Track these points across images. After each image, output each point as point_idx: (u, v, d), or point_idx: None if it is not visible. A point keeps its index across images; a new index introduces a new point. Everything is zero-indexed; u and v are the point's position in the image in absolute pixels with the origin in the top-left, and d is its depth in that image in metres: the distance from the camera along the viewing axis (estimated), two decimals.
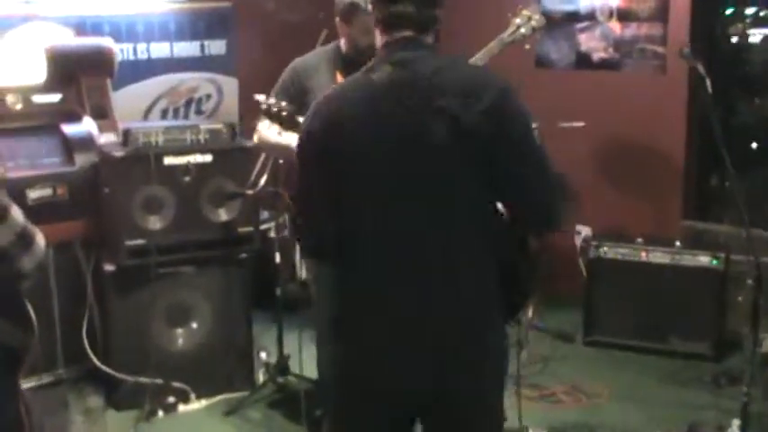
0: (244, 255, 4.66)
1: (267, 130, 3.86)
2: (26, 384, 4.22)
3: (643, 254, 5.15)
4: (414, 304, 2.43)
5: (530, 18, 3.89)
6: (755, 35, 5.74)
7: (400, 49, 2.50)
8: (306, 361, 4.33)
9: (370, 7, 3.57)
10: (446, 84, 2.40)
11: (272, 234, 5.19)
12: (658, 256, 5.12)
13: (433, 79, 2.41)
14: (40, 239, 2.59)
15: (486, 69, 2.62)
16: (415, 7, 2.48)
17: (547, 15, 5.75)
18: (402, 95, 2.41)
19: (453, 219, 2.45)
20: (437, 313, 2.42)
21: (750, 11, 5.74)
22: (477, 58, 3.79)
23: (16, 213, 2.51)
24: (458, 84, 2.41)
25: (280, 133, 3.59)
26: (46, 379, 4.60)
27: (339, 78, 3.84)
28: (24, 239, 2.52)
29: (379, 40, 2.59)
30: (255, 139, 4.06)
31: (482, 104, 2.36)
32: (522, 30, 3.88)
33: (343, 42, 3.91)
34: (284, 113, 3.35)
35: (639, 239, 5.21)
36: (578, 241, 5.80)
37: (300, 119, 3.06)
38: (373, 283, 2.49)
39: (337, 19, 3.86)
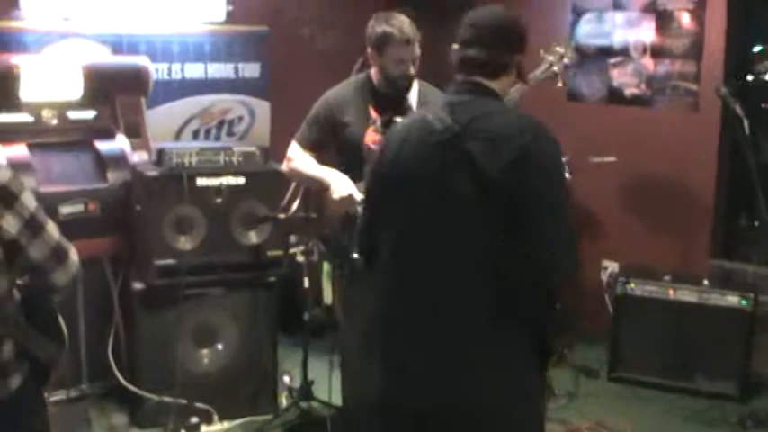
0: (272, 278, 4.66)
1: (301, 160, 3.93)
2: (50, 398, 4.28)
3: (670, 291, 5.12)
4: (420, 338, 2.60)
5: (562, 56, 3.91)
6: None
7: (459, 92, 2.66)
8: (331, 387, 4.33)
9: (403, 36, 3.69)
10: (480, 131, 2.51)
11: (300, 258, 5.18)
12: (686, 294, 5.09)
13: (470, 125, 2.52)
14: (74, 255, 2.62)
15: (524, 119, 2.59)
16: (487, 53, 2.62)
17: (580, 50, 5.81)
18: (439, 137, 2.55)
19: (460, 265, 2.55)
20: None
21: None
22: (510, 98, 3.77)
23: (51, 228, 2.54)
24: (491, 132, 2.50)
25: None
26: (70, 394, 4.61)
27: (372, 112, 3.87)
28: (58, 254, 2.55)
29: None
30: (285, 167, 4.09)
31: (508, 156, 2.45)
32: (555, 68, 3.91)
33: (374, 73, 3.92)
34: None
35: (667, 277, 5.19)
36: (605, 277, 5.79)
37: None
38: (384, 309, 2.70)
39: (369, 49, 3.86)
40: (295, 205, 4.99)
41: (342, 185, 3.78)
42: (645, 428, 4.68)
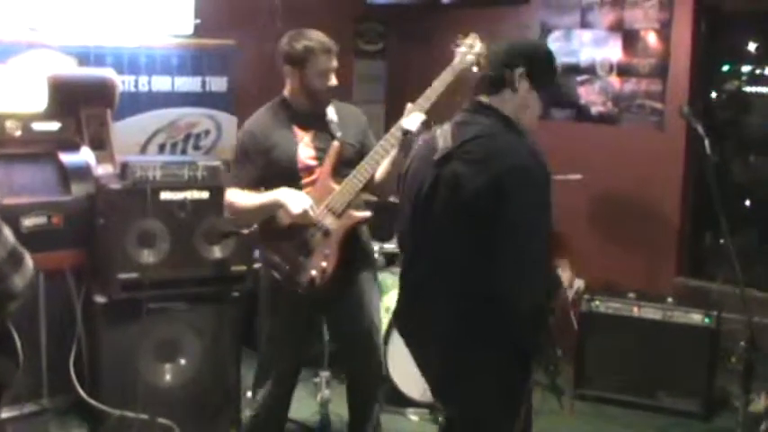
0: (236, 293, 4.62)
1: (242, 197, 3.86)
2: (8, 413, 4.22)
3: (635, 309, 5.15)
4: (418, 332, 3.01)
5: (471, 45, 3.87)
6: (750, 92, 5.78)
7: (465, 110, 2.89)
8: (293, 402, 4.30)
9: (325, 47, 3.74)
10: (467, 153, 2.71)
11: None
12: (650, 312, 5.13)
13: (461, 146, 2.73)
14: (29, 260, 2.61)
15: (513, 145, 2.72)
16: (489, 71, 2.88)
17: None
18: (438, 155, 2.77)
19: (442, 272, 2.79)
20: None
21: (746, 68, 5.78)
22: (434, 88, 3.79)
23: (7, 233, 2.53)
24: (480, 153, 2.69)
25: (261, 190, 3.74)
26: (29, 408, 4.54)
27: (297, 131, 3.86)
28: (15, 258, 2.54)
29: None
30: (228, 212, 4.06)
31: (483, 180, 2.62)
32: (469, 57, 3.85)
33: (291, 92, 3.90)
34: None
35: (632, 294, 5.22)
36: (571, 294, 5.79)
37: None
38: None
39: (287, 67, 3.86)
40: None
41: (298, 200, 3.71)
42: None
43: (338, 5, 6.52)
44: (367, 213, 3.87)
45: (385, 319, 4.95)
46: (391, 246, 5.48)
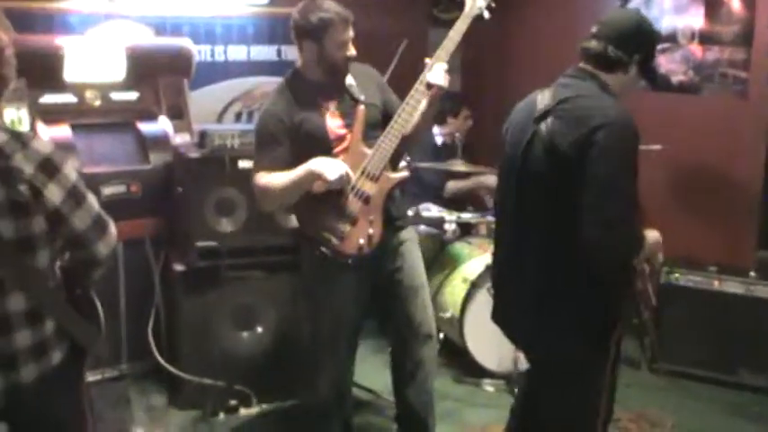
0: None
1: (273, 178, 3.63)
2: (90, 378, 4.30)
3: (716, 282, 5.04)
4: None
5: None
6: None
7: (568, 75, 2.99)
8: (371, 372, 4.31)
9: (341, 17, 3.60)
10: (563, 110, 2.85)
11: None
12: (732, 286, 5.01)
13: (558, 104, 2.87)
14: (113, 228, 2.66)
15: (607, 105, 2.83)
16: (603, 47, 2.93)
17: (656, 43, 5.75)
18: (537, 113, 2.92)
19: (536, 225, 2.93)
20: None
21: None
22: (451, 38, 3.72)
23: (92, 200, 2.58)
24: (570, 112, 2.83)
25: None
26: (109, 374, 4.64)
27: (321, 102, 3.71)
28: (100, 225, 2.59)
29: None
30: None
31: (576, 135, 2.76)
32: (479, 2, 3.78)
33: (306, 66, 3.74)
34: None
35: (712, 268, 5.11)
36: (648, 266, 5.71)
37: None
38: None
39: (305, 41, 3.67)
40: None
41: (333, 165, 3.54)
42: (686, 422, 4.61)
43: None
44: (405, 173, 3.78)
45: (463, 289, 4.95)
46: (467, 215, 5.44)
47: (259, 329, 4.64)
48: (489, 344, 4.92)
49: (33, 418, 2.54)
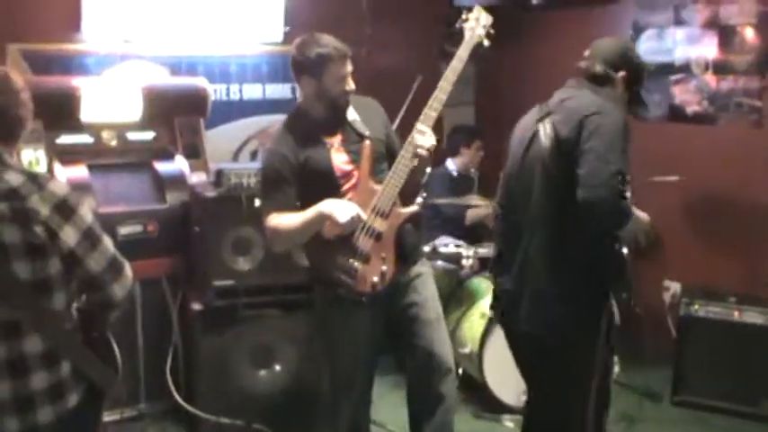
0: None
1: (283, 219, 3.61)
2: (108, 417, 4.30)
3: (736, 313, 5.00)
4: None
5: (477, 19, 3.76)
6: None
7: (565, 87, 3.44)
8: (387, 409, 4.28)
9: (340, 53, 3.59)
10: (564, 107, 3.29)
11: None
12: (752, 316, 4.96)
13: (559, 104, 3.32)
14: (129, 270, 2.64)
15: (598, 101, 3.26)
16: (591, 64, 3.40)
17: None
18: (538, 115, 3.36)
19: (542, 206, 3.26)
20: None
21: None
22: (452, 68, 3.69)
23: (107, 242, 2.57)
24: (569, 108, 3.26)
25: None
26: (128, 413, 4.63)
27: (325, 139, 3.68)
28: (115, 267, 2.57)
29: None
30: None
31: (574, 122, 3.17)
32: (478, 30, 3.75)
33: (307, 102, 3.72)
34: None
35: (732, 298, 5.07)
36: (667, 297, 5.69)
37: None
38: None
39: (303, 77, 3.65)
40: None
41: (343, 207, 3.51)
42: None
43: (425, 9, 6.50)
44: (415, 208, 3.74)
45: (481, 324, 4.92)
46: (484, 250, 5.43)
47: (277, 368, 4.63)
48: (509, 379, 4.86)
49: None
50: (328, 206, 3.53)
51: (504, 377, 4.89)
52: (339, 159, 3.67)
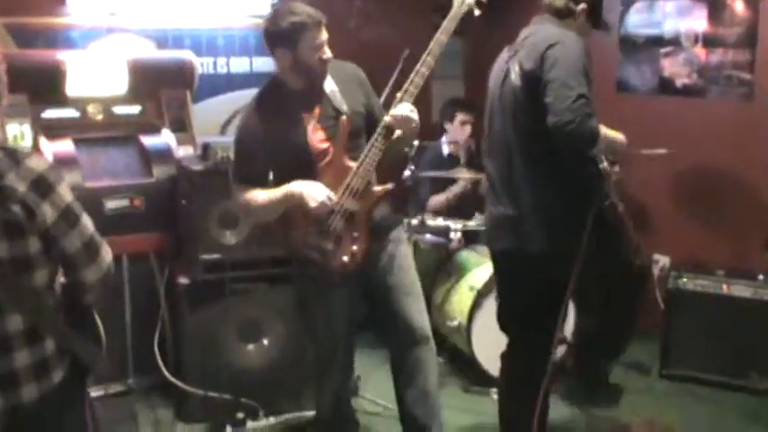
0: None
1: (254, 195, 3.61)
2: (95, 393, 4.29)
3: (724, 286, 5.00)
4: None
5: None
6: None
7: (533, 22, 3.67)
8: (377, 384, 4.28)
9: (315, 20, 3.49)
10: (527, 43, 3.53)
11: None
12: (740, 290, 4.97)
13: (524, 40, 3.57)
14: (108, 254, 2.57)
15: (559, 33, 3.47)
16: (553, 0, 3.63)
17: (630, 39, 5.74)
18: (509, 52, 3.65)
19: (519, 137, 3.55)
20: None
21: None
22: (436, 40, 3.59)
23: (86, 222, 2.50)
24: (532, 43, 3.49)
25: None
26: (115, 388, 4.63)
27: (302, 114, 3.60)
28: (91, 250, 2.50)
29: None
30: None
31: (536, 55, 3.41)
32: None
33: (284, 73, 3.62)
34: None
35: (720, 271, 5.08)
36: (656, 271, 5.69)
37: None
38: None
39: (277, 48, 3.55)
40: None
41: (314, 190, 3.49)
42: (697, 427, 4.58)
43: None
44: (389, 186, 3.65)
45: (470, 297, 4.92)
46: (472, 223, 5.42)
47: (265, 342, 4.62)
48: (497, 352, 4.87)
49: None
50: (298, 187, 3.51)
51: (493, 350, 4.87)
52: (316, 137, 3.60)
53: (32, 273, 2.41)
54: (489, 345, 4.87)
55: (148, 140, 4.76)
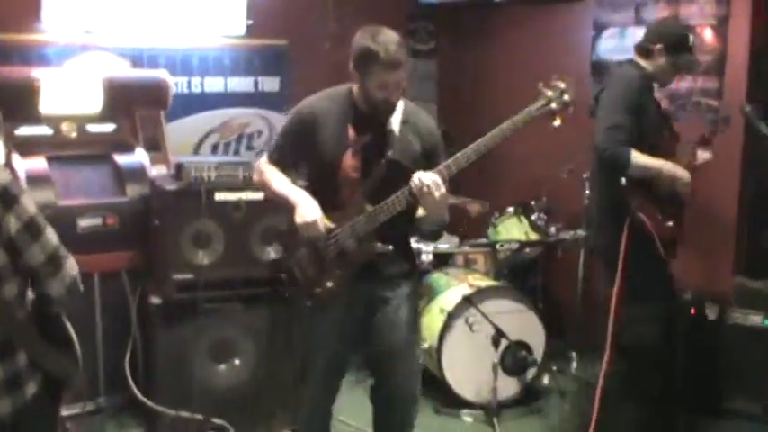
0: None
1: (271, 174, 3.62)
2: (67, 411, 4.27)
3: (692, 309, 5.05)
4: None
5: (563, 92, 3.43)
6: None
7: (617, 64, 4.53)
8: (348, 405, 4.29)
9: (388, 58, 3.27)
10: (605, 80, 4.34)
11: None
12: (709, 313, 5.02)
13: (612, 74, 4.36)
14: (71, 266, 2.57)
15: (617, 72, 4.32)
16: (639, 41, 4.36)
17: (601, 65, 5.81)
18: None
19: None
20: None
21: None
22: (496, 134, 3.36)
23: (50, 234, 2.51)
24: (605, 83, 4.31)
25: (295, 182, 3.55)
26: (87, 407, 4.58)
27: (351, 132, 3.48)
28: (54, 262, 2.51)
29: None
30: (256, 178, 3.77)
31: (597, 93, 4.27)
32: (553, 104, 3.42)
33: (355, 88, 3.50)
34: None
35: (687, 295, 5.12)
36: None
37: None
38: None
39: (352, 66, 3.42)
40: None
41: (307, 210, 3.43)
42: None
43: (389, 5, 6.48)
44: (387, 249, 3.49)
45: (440, 320, 4.95)
46: (444, 246, 5.45)
47: (236, 362, 4.62)
48: (467, 374, 4.92)
49: None
50: (299, 197, 3.48)
51: (463, 372, 4.93)
52: (350, 163, 3.49)
53: (1, 286, 2.41)
54: (460, 367, 4.92)
55: (122, 159, 4.76)
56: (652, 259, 4.15)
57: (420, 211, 3.56)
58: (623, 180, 4.01)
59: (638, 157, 4.01)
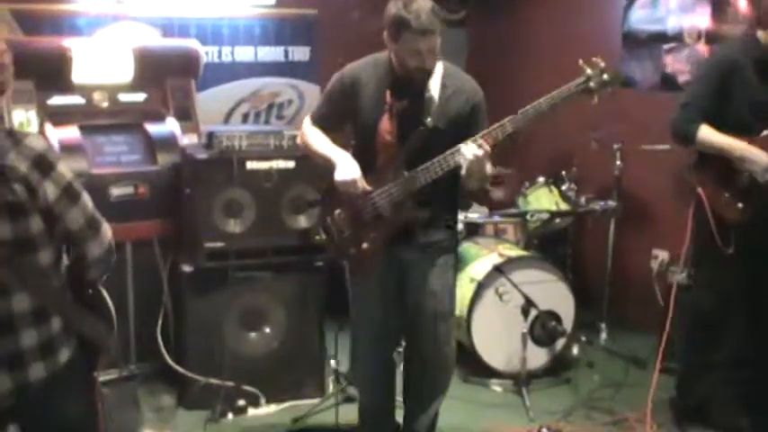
0: (320, 262, 4.64)
1: (314, 135, 3.69)
2: (100, 377, 4.31)
3: None
4: None
5: (602, 71, 3.43)
6: None
7: None
8: None
9: (420, 25, 3.29)
10: None
11: None
12: None
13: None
14: (107, 229, 2.61)
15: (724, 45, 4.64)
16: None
17: (633, 35, 5.75)
18: None
19: None
20: None
21: None
22: (534, 107, 3.39)
23: (86, 199, 2.54)
24: None
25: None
26: (119, 374, 4.64)
27: (388, 97, 3.51)
28: (93, 225, 2.55)
29: None
30: (299, 139, 3.81)
31: None
32: (591, 83, 3.42)
33: (393, 56, 3.52)
34: None
35: None
36: (655, 265, 5.71)
37: None
38: None
39: (386, 33, 3.44)
40: None
41: (347, 169, 3.49)
42: None
43: None
44: (424, 214, 3.56)
45: (470, 289, 4.95)
46: (474, 215, 5.45)
47: (267, 330, 4.65)
48: (497, 344, 4.93)
49: (43, 418, 2.53)
50: (339, 157, 3.55)
51: (493, 342, 4.94)
52: (386, 128, 3.53)
53: (37, 252, 2.44)
54: (489, 336, 4.92)
55: (153, 128, 4.78)
56: (708, 240, 4.16)
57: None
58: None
59: (708, 134, 4.00)
